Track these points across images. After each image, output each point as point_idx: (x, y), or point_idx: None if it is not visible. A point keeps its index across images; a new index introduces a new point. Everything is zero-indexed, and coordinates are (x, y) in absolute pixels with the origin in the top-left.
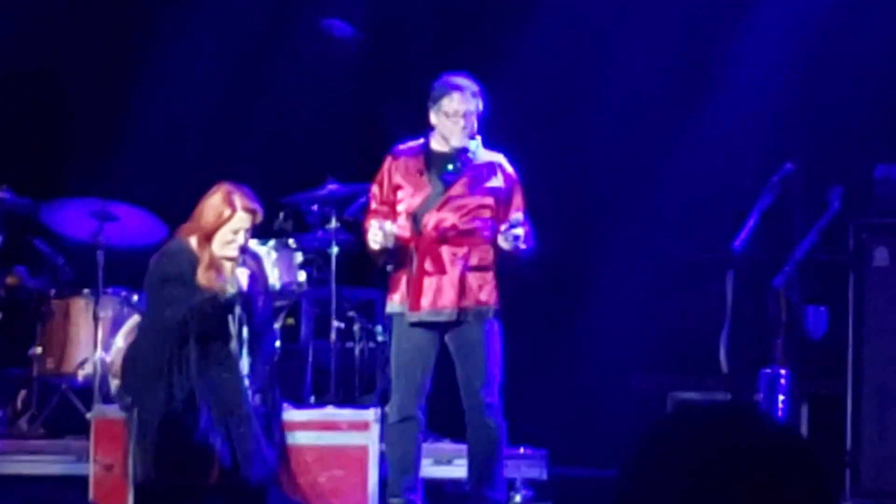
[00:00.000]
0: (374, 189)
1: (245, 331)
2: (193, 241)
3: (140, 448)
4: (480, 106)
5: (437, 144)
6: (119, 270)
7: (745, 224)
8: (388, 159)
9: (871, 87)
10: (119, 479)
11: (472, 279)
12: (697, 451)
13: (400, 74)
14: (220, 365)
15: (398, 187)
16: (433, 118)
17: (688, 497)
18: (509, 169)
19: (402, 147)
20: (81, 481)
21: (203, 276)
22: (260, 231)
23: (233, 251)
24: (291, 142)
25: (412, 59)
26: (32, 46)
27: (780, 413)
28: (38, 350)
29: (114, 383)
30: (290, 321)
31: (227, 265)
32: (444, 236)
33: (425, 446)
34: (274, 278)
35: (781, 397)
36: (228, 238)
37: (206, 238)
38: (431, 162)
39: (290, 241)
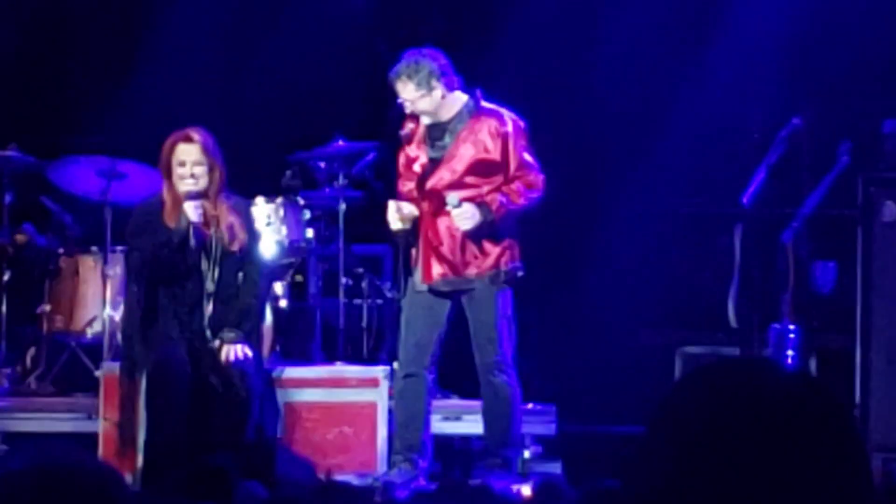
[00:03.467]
0: (401, 157)
1: (209, 269)
2: (163, 187)
3: (147, 405)
4: (420, 82)
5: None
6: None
7: (754, 179)
8: (406, 126)
9: (879, 40)
10: (130, 437)
11: (475, 247)
12: (723, 407)
13: (408, 30)
14: (190, 305)
15: (408, 151)
16: None
17: (718, 452)
18: (497, 125)
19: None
20: (91, 438)
21: (168, 217)
22: (268, 188)
23: (186, 185)
24: (299, 99)
25: (420, 14)
26: (37, 4)
27: None
28: (47, 308)
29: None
30: (299, 278)
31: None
32: (439, 208)
33: (434, 403)
34: (282, 235)
35: (790, 352)
36: (179, 172)
37: (168, 178)
38: (427, 134)
39: (298, 198)
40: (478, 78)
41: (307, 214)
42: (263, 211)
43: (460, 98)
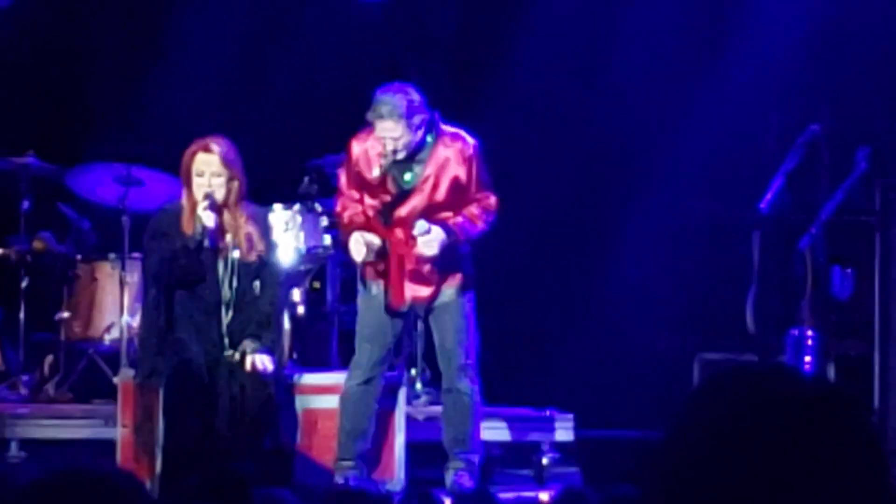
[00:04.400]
0: (342, 177)
1: (225, 277)
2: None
3: (164, 411)
4: (414, 120)
5: None
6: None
7: (772, 185)
8: (352, 143)
9: None
10: (147, 443)
11: (442, 270)
12: (742, 413)
13: (423, 36)
14: (206, 313)
15: (364, 178)
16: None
17: (737, 458)
18: (463, 148)
19: (364, 136)
20: (109, 445)
21: (187, 224)
22: (285, 195)
23: (200, 193)
24: (315, 105)
25: (436, 20)
26: (55, 11)
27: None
28: (65, 315)
29: None
30: (316, 285)
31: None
32: (410, 237)
33: (437, 409)
34: (300, 242)
35: (808, 358)
36: (197, 181)
37: (187, 186)
38: (393, 163)
39: (316, 204)
40: (494, 81)
41: (325, 221)
42: (281, 218)
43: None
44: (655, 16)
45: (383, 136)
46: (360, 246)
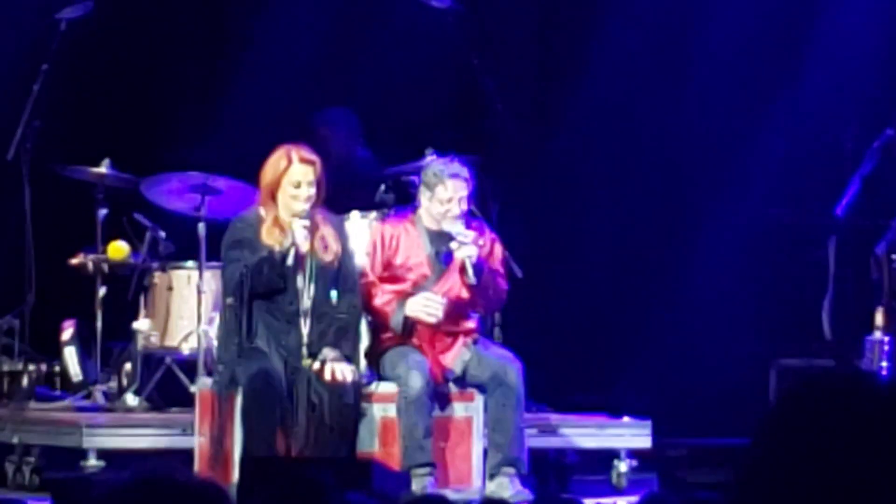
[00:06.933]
0: (367, 260)
1: (304, 286)
2: (261, 202)
3: (243, 419)
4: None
5: (429, 223)
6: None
7: (847, 190)
8: (381, 227)
9: None
10: (225, 452)
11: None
12: (827, 422)
13: (499, 44)
14: (285, 322)
15: (395, 259)
16: (424, 202)
17: (824, 465)
18: (488, 233)
19: (395, 218)
20: (187, 454)
21: (267, 235)
22: (362, 203)
23: (299, 205)
24: (391, 113)
25: (511, 28)
26: (131, 20)
27: None
28: (142, 324)
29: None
30: None
31: (288, 222)
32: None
33: (530, 416)
34: None
35: (884, 363)
36: (291, 192)
37: (271, 196)
38: (427, 240)
39: (392, 212)
40: (571, 86)
41: None
42: (358, 226)
43: None
44: (732, 23)
45: (454, 197)
46: (436, 305)
